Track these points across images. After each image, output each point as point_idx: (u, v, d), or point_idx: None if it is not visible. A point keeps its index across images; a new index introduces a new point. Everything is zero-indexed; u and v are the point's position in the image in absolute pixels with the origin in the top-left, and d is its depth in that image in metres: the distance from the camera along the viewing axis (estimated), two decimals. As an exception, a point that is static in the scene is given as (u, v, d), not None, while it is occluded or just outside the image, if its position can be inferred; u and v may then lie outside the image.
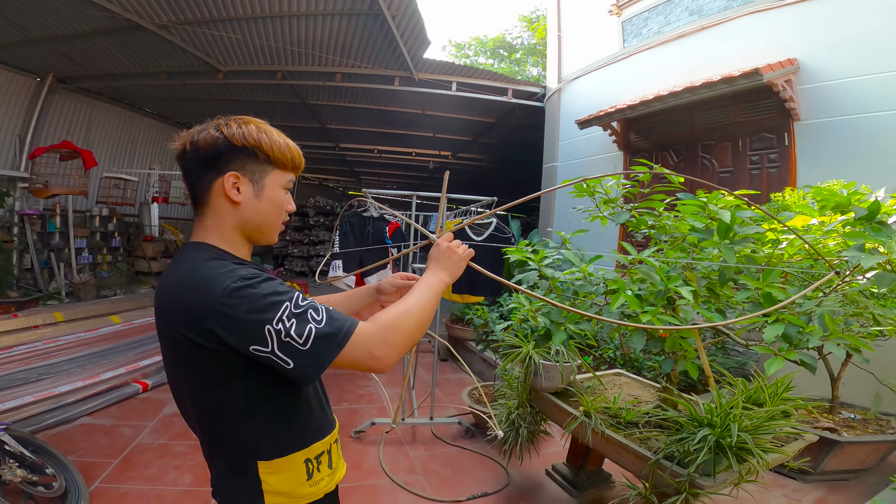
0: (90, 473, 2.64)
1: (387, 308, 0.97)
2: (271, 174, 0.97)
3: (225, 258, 0.91)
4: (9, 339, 4.49)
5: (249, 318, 0.81)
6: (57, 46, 5.91)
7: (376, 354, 0.89)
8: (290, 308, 0.83)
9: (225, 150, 0.92)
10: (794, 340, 1.32)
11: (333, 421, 1.12)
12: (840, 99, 3.58)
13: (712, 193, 1.60)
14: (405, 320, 0.94)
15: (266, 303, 0.82)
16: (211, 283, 0.83)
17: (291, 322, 0.82)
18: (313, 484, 1.00)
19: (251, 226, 0.97)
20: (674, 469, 1.70)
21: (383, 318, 0.93)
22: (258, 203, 0.96)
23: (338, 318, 0.86)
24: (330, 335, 0.84)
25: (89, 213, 7.96)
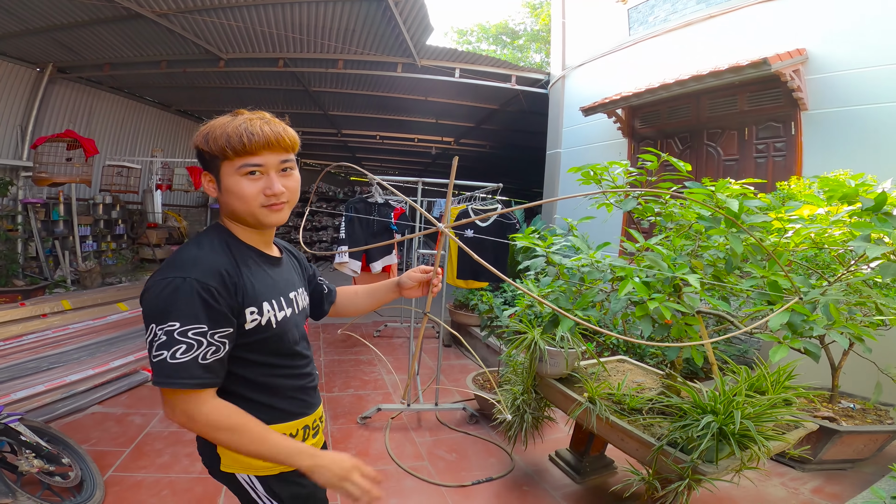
0: (104, 462, 2.66)
1: (243, 414, 0.97)
2: (222, 167, 1.00)
3: (223, 245, 1.02)
4: (17, 327, 4.51)
5: (146, 306, 0.94)
6: (56, 36, 5.85)
7: (179, 418, 0.94)
8: (176, 329, 0.89)
9: (197, 153, 1.03)
10: (799, 329, 1.33)
11: (307, 410, 1.16)
12: (848, 89, 3.55)
13: (719, 182, 1.60)
14: (231, 438, 0.94)
15: (164, 308, 0.91)
16: (169, 265, 0.96)
17: (162, 339, 0.90)
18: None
19: (237, 214, 1.04)
20: (677, 455, 1.73)
21: (224, 414, 0.94)
22: (223, 195, 1.03)
23: (185, 372, 0.90)
24: (163, 371, 0.89)
25: (92, 201, 7.97)
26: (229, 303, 0.96)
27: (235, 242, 1.05)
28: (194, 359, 0.90)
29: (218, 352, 0.94)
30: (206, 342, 0.92)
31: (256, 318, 1.01)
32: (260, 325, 1.02)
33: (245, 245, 1.07)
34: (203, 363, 0.92)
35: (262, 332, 1.02)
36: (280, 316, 1.06)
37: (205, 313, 0.91)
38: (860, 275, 1.75)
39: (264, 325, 1.02)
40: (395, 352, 5.12)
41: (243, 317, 0.99)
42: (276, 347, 1.07)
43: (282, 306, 1.08)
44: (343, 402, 3.71)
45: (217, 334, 0.93)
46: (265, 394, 1.07)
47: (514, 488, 2.64)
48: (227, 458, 1.07)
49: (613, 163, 1.90)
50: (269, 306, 1.04)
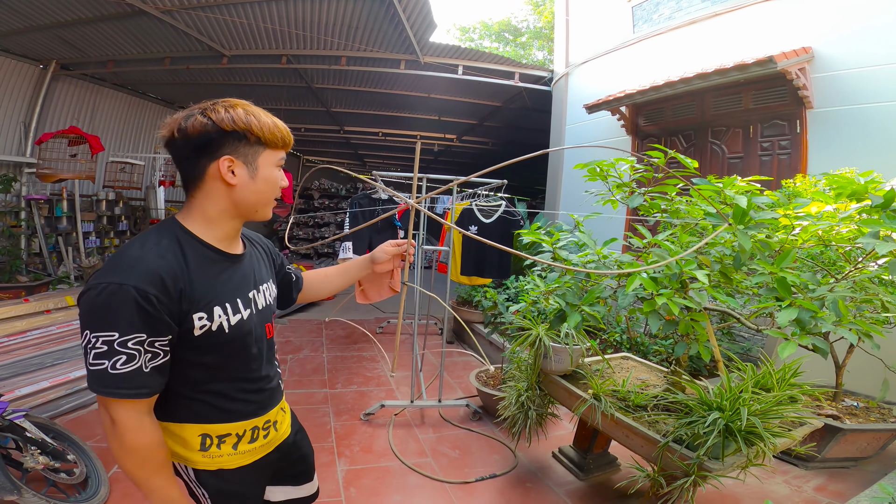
0: (109, 459, 2.62)
1: (161, 449, 0.97)
2: (263, 154, 1.00)
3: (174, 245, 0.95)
4: (22, 323, 4.51)
5: (82, 311, 0.88)
6: (59, 33, 5.85)
7: (104, 417, 0.93)
8: (115, 340, 0.86)
9: (216, 135, 0.94)
10: (807, 325, 1.33)
11: (260, 411, 1.13)
12: (854, 88, 3.54)
13: (726, 178, 1.60)
14: (128, 456, 0.93)
15: (101, 315, 0.87)
16: (108, 268, 0.90)
17: (102, 349, 0.86)
18: (206, 455, 1.05)
19: (246, 205, 1.02)
20: (683, 452, 1.73)
21: (134, 440, 0.92)
22: (254, 184, 1.00)
23: (126, 383, 0.88)
24: (103, 381, 0.87)
25: (96, 197, 7.99)
26: (170, 310, 0.91)
27: (191, 241, 0.98)
28: (137, 369, 0.88)
29: (157, 359, 0.91)
30: (145, 350, 0.89)
31: (206, 324, 0.96)
32: (210, 331, 0.97)
33: (203, 244, 1.00)
34: (145, 372, 0.90)
35: (212, 337, 0.98)
36: (234, 320, 1.01)
37: (143, 322, 0.87)
38: (867, 272, 1.75)
39: (215, 331, 0.98)
40: (399, 348, 5.12)
41: (190, 322, 0.94)
42: (229, 352, 1.03)
43: (237, 309, 1.03)
44: (346, 399, 3.71)
45: (157, 342, 0.90)
46: (212, 395, 1.04)
47: (518, 485, 2.65)
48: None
49: (619, 159, 1.90)
50: (222, 311, 0.99)
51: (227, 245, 1.06)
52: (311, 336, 5.43)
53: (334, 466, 2.74)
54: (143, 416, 0.93)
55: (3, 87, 6.43)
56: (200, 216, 1.01)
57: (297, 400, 3.64)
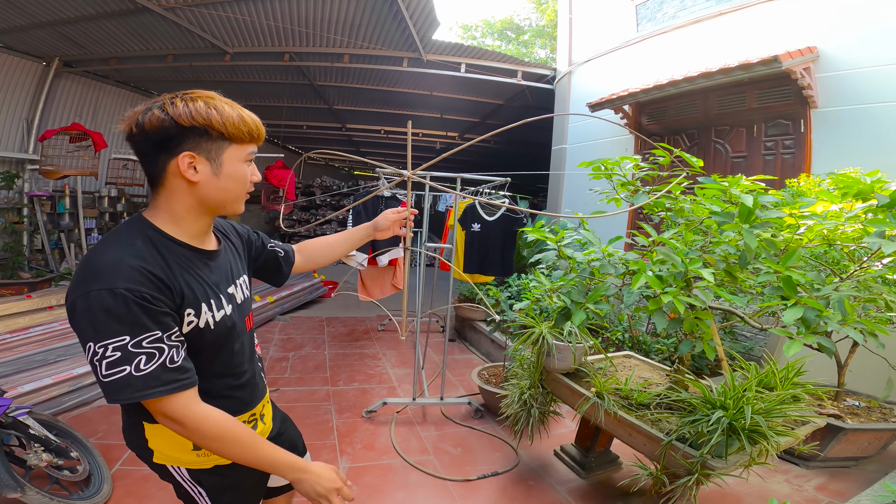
0: (111, 456, 2.65)
1: (233, 422, 0.95)
2: (228, 150, 0.94)
3: (148, 244, 0.91)
4: (24, 320, 4.52)
5: (80, 328, 0.83)
6: (62, 30, 5.86)
7: (169, 424, 0.91)
8: (127, 343, 0.82)
9: (175, 130, 0.88)
10: (813, 324, 1.33)
11: (249, 405, 1.13)
12: (859, 88, 3.54)
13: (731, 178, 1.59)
14: (223, 444, 0.93)
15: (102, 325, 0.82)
16: (85, 276, 0.85)
17: (114, 356, 0.82)
18: (201, 455, 1.05)
19: (212, 202, 0.97)
20: (686, 450, 1.73)
21: (212, 422, 0.92)
22: (218, 181, 0.95)
23: (158, 380, 0.85)
24: (133, 385, 0.84)
25: (98, 193, 8.00)
26: (169, 304, 0.89)
27: (164, 240, 0.94)
28: (161, 365, 0.85)
29: (180, 350, 0.90)
30: (167, 346, 0.87)
31: (193, 321, 0.95)
32: (197, 328, 0.96)
33: (176, 242, 0.96)
34: (171, 366, 0.87)
35: (197, 334, 0.96)
36: (218, 316, 1.00)
37: (150, 319, 0.84)
38: (872, 272, 1.74)
39: (201, 328, 0.96)
40: (400, 346, 5.13)
41: (181, 318, 0.93)
42: (213, 348, 1.01)
43: (220, 305, 1.02)
44: (348, 396, 3.72)
45: (173, 335, 0.89)
46: (201, 394, 0.99)
47: (520, 483, 2.65)
48: (158, 454, 1.05)
49: (625, 158, 1.90)
50: (206, 307, 0.98)
51: (200, 241, 1.02)
52: (312, 333, 5.44)
53: (336, 464, 2.75)
54: (198, 403, 0.92)
55: (6, 84, 6.44)
56: (168, 214, 0.96)
57: (298, 397, 3.65)
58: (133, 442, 1.08)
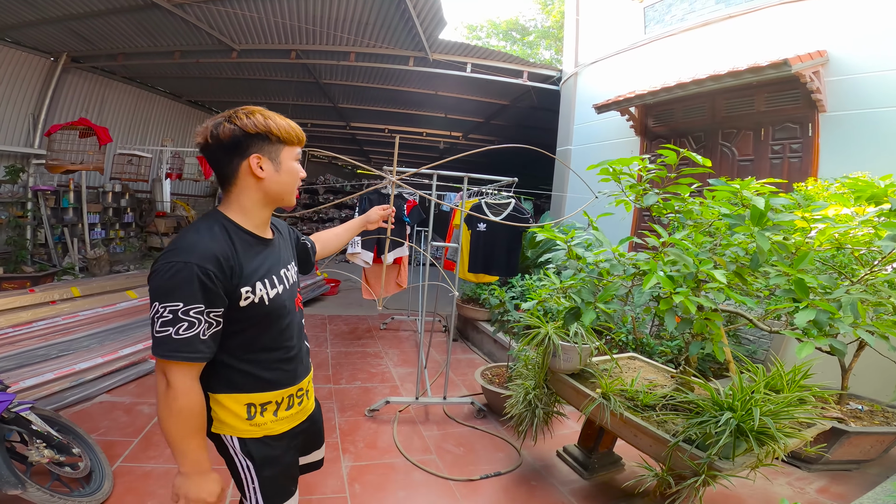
0: (112, 452, 2.64)
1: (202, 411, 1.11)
2: (284, 151, 1.18)
3: (223, 231, 1.12)
4: (27, 314, 4.51)
5: (152, 286, 1.04)
6: (71, 26, 5.87)
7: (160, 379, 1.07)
8: (180, 309, 1.02)
9: (243, 137, 1.11)
10: (824, 326, 1.32)
11: (295, 379, 1.30)
12: (868, 92, 3.53)
13: (745, 180, 1.59)
14: (173, 417, 1.06)
15: (169, 288, 1.02)
16: (172, 249, 1.06)
17: (168, 317, 1.02)
18: (253, 424, 1.21)
19: (274, 194, 1.19)
20: (693, 451, 1.73)
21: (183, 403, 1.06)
22: (278, 175, 1.18)
23: (187, 347, 1.03)
24: (168, 345, 1.02)
25: (102, 188, 8.02)
26: (224, 285, 1.07)
27: (234, 228, 1.16)
28: (196, 335, 1.04)
29: (211, 328, 1.07)
30: (204, 320, 1.05)
31: (250, 297, 1.13)
32: (254, 303, 1.14)
33: (242, 230, 1.17)
34: (201, 339, 1.05)
35: (256, 308, 1.14)
36: (272, 293, 1.18)
37: (203, 294, 1.03)
38: (882, 275, 1.73)
39: (258, 303, 1.14)
40: (402, 345, 5.12)
41: (238, 295, 1.11)
42: (267, 322, 1.19)
43: (274, 284, 1.20)
44: (350, 394, 3.72)
45: (213, 313, 1.06)
46: (251, 364, 1.19)
47: (522, 483, 2.65)
48: (216, 422, 1.20)
49: (633, 158, 1.89)
50: (262, 285, 1.16)
51: (261, 231, 1.23)
52: (314, 331, 5.44)
53: (339, 462, 2.74)
54: (193, 380, 1.08)
55: (14, 79, 6.46)
56: (238, 207, 1.18)
57: (301, 394, 3.64)
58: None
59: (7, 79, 6.38)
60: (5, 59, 6.30)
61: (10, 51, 6.30)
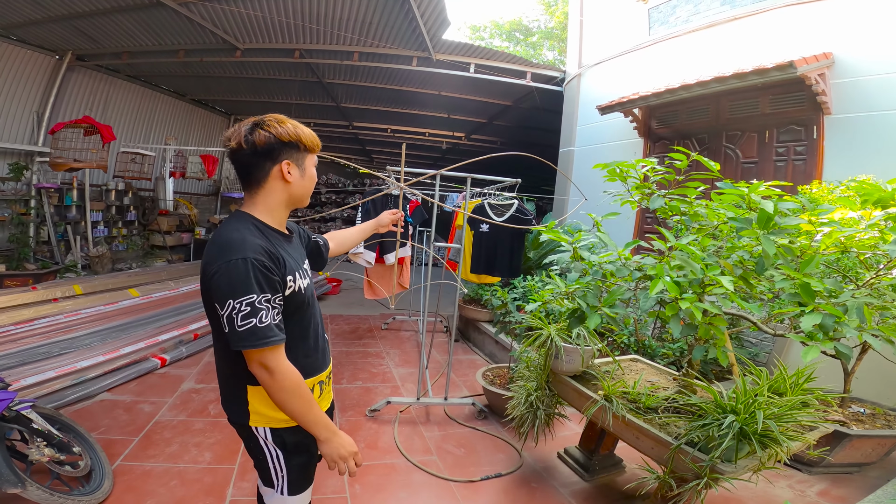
0: (112, 451, 2.63)
1: (303, 381, 1.20)
2: (308, 158, 1.29)
3: (256, 229, 1.21)
4: (29, 311, 4.49)
5: (222, 286, 1.10)
6: (76, 24, 5.89)
7: (260, 371, 1.15)
8: (255, 300, 1.10)
9: (277, 144, 1.21)
10: (830, 330, 1.31)
11: (322, 367, 1.39)
12: (873, 94, 3.51)
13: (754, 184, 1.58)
14: (290, 396, 1.17)
15: (238, 284, 1.10)
16: (222, 250, 1.13)
17: (247, 310, 1.09)
18: None
19: (297, 197, 1.30)
20: (695, 454, 1.72)
21: (293, 374, 1.18)
22: (303, 180, 1.29)
23: (271, 331, 1.12)
24: (256, 334, 1.10)
25: (105, 186, 8.03)
26: (279, 274, 1.17)
27: (263, 226, 1.24)
28: (272, 321, 1.13)
29: (280, 313, 1.17)
30: (273, 306, 1.14)
31: (292, 285, 1.22)
32: (294, 292, 1.23)
33: (270, 228, 1.26)
34: (276, 322, 1.14)
35: (298, 296, 1.24)
36: (304, 284, 1.28)
37: (267, 284, 1.13)
38: (888, 279, 1.72)
39: (297, 291, 1.24)
40: (403, 345, 5.12)
41: (285, 283, 1.20)
42: (303, 310, 1.29)
43: (304, 275, 1.31)
44: (351, 394, 3.71)
45: (277, 299, 1.16)
46: (293, 352, 1.25)
47: (523, 485, 2.64)
48: (254, 415, 1.27)
49: (640, 160, 1.88)
50: (298, 276, 1.26)
51: (283, 228, 1.33)
52: (316, 330, 5.43)
53: (340, 462, 2.74)
54: (286, 360, 1.18)
55: (19, 76, 6.48)
56: (264, 208, 1.26)
57: (302, 393, 3.64)
58: (234, 408, 1.30)
59: (12, 77, 6.40)
60: (10, 57, 6.32)
61: (15, 49, 6.33)
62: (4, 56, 6.26)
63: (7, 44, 6.21)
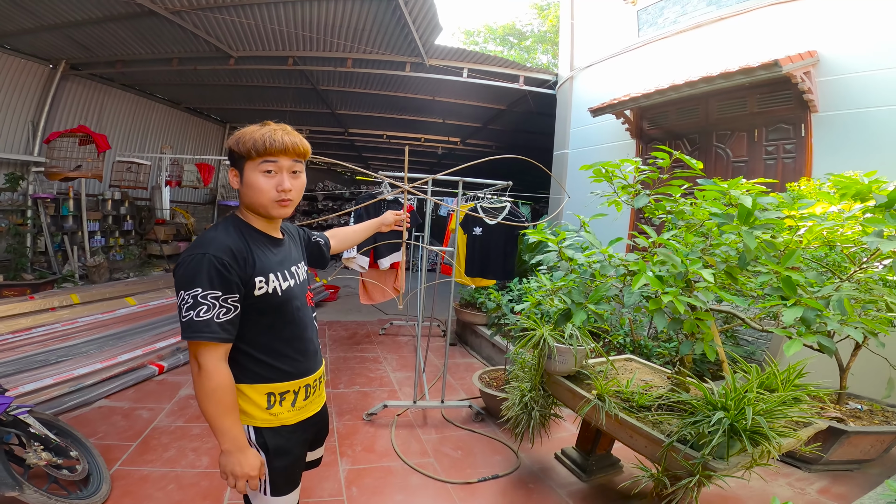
0: (110, 456, 2.66)
1: (231, 388, 1.21)
2: (246, 165, 1.25)
3: (236, 229, 1.26)
4: (26, 321, 4.51)
5: (177, 277, 1.17)
6: (69, 33, 5.92)
7: (192, 363, 1.19)
8: (199, 294, 1.13)
9: (229, 154, 1.28)
10: (812, 323, 1.33)
11: (307, 371, 1.38)
12: (859, 91, 3.55)
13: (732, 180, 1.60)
14: (207, 397, 1.17)
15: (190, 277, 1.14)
16: (193, 246, 1.19)
17: (189, 302, 1.13)
18: (271, 413, 1.30)
19: (250, 205, 1.30)
20: (687, 452, 1.73)
21: (220, 374, 1.18)
22: (244, 188, 1.27)
23: (207, 327, 1.14)
24: (191, 327, 1.13)
25: (101, 196, 8.03)
26: (239, 274, 1.18)
27: (247, 228, 1.29)
28: (212, 317, 1.14)
29: (229, 313, 1.17)
30: (220, 305, 1.15)
31: (264, 287, 1.23)
32: (267, 293, 1.24)
33: (255, 230, 1.31)
34: (218, 321, 1.14)
35: (269, 298, 1.25)
36: (284, 286, 1.29)
37: (219, 281, 1.15)
38: (872, 272, 1.74)
39: (271, 293, 1.25)
40: (401, 349, 5.13)
41: (252, 284, 1.21)
42: (281, 312, 1.29)
43: (285, 277, 1.31)
44: (349, 399, 3.72)
45: (229, 299, 1.17)
46: (271, 355, 1.29)
47: (520, 486, 2.64)
48: (240, 414, 1.28)
49: (625, 161, 1.91)
50: (274, 276, 1.27)
51: (270, 231, 1.35)
52: (314, 336, 5.44)
53: (336, 466, 2.74)
54: (220, 361, 1.18)
55: (13, 86, 6.49)
56: (244, 210, 1.32)
57: (300, 399, 3.64)
58: None
59: (6, 86, 6.41)
60: (4, 65, 6.33)
61: (8, 58, 6.34)
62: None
63: (0, 52, 6.22)
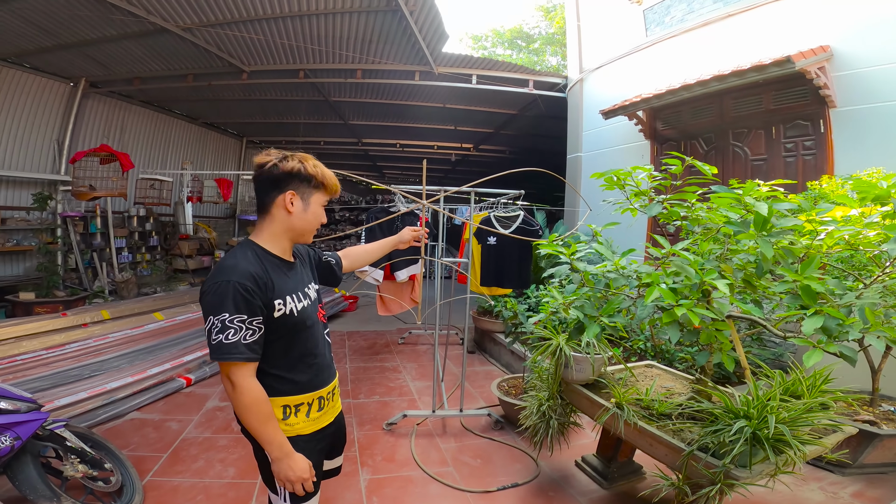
0: (142, 467, 2.74)
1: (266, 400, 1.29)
2: (316, 194, 1.38)
3: (254, 255, 1.32)
4: (60, 337, 4.67)
5: (204, 304, 1.24)
6: (87, 51, 6.10)
7: (225, 383, 1.27)
8: (226, 318, 1.21)
9: (283, 175, 1.32)
10: (834, 333, 1.30)
11: (323, 383, 1.48)
12: (877, 85, 3.46)
13: (747, 184, 1.58)
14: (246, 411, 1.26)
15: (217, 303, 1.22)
16: (216, 273, 1.27)
17: (218, 326, 1.21)
18: (287, 424, 1.38)
19: (297, 230, 1.39)
20: (708, 460, 1.71)
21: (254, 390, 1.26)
22: (302, 213, 1.37)
23: (236, 349, 1.22)
24: (221, 349, 1.21)
25: (127, 213, 8.27)
26: (262, 298, 1.26)
27: (263, 253, 1.36)
28: (240, 339, 1.22)
29: (255, 335, 1.25)
30: (246, 327, 1.23)
31: (282, 309, 1.32)
32: (285, 314, 1.32)
33: (271, 255, 1.37)
34: (245, 343, 1.23)
35: (286, 319, 1.33)
36: (300, 306, 1.38)
37: (244, 306, 1.23)
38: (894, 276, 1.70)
39: (288, 314, 1.33)
40: (420, 358, 5.15)
41: (273, 307, 1.30)
42: (296, 330, 1.37)
43: (300, 298, 1.39)
44: (369, 409, 3.75)
45: (254, 321, 1.25)
46: (286, 370, 1.37)
47: (540, 494, 2.63)
48: None
49: (637, 167, 1.90)
50: (291, 299, 1.35)
51: (286, 255, 1.43)
52: (333, 347, 5.44)
53: (357, 476, 2.77)
54: (251, 378, 1.26)
55: (37, 105, 6.71)
56: (268, 235, 1.38)
57: (321, 409, 3.69)
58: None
59: (30, 105, 6.62)
60: (27, 84, 6.55)
61: (30, 77, 6.55)
62: (21, 84, 6.46)
63: (22, 72, 6.42)
